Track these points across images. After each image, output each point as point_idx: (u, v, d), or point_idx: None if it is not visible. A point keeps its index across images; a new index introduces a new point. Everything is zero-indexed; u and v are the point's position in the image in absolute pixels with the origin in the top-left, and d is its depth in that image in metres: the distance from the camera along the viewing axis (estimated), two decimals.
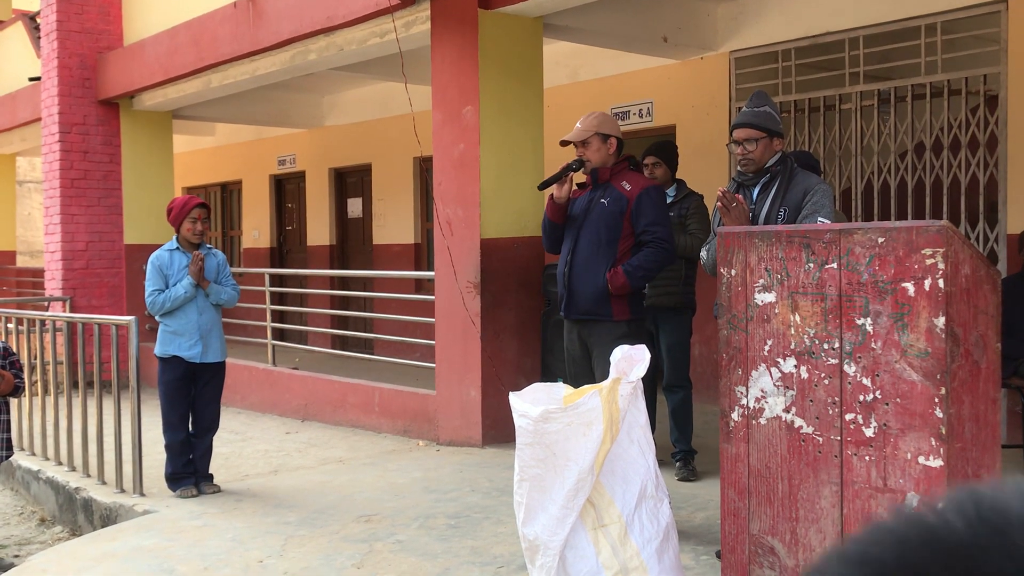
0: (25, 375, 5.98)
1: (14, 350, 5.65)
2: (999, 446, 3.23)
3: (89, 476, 6.38)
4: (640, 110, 8.92)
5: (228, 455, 7.09)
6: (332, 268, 12.55)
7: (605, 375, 3.59)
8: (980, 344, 3.09)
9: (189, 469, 5.87)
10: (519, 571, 4.20)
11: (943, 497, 0.56)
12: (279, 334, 10.40)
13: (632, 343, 3.63)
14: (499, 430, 6.73)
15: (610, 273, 4.98)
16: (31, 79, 12.17)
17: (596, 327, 5.04)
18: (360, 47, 7.89)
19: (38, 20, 11.92)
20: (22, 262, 17.59)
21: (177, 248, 5.89)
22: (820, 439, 3.20)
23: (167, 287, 5.80)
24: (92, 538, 5.25)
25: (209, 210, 6.05)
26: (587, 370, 5.08)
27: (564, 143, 5.23)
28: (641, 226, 5.03)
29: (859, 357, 3.09)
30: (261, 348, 9.95)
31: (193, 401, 5.91)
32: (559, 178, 5.13)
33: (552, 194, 5.16)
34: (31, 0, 16.26)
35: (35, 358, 7.35)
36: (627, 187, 5.11)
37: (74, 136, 10.92)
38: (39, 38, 11.65)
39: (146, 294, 5.85)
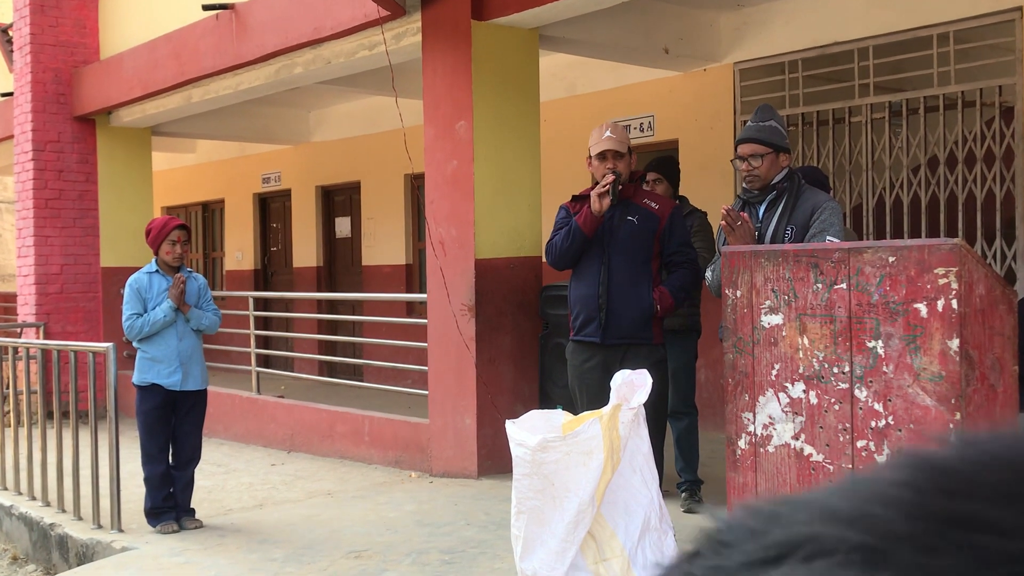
0: None
1: None
2: None
3: (64, 511, 6.36)
4: (641, 124, 8.97)
5: (211, 488, 7.08)
6: (319, 291, 12.57)
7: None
8: (996, 367, 3.11)
9: (169, 503, 5.86)
10: None
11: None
12: (264, 361, 10.40)
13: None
14: (495, 460, 6.73)
15: (657, 294, 5.01)
16: (3, 95, 12.22)
17: (636, 352, 5.01)
18: (348, 60, 7.94)
19: (10, 33, 11.98)
20: None
21: (156, 271, 5.91)
22: (831, 467, 3.22)
23: (146, 311, 5.82)
24: None
25: (189, 231, 6.08)
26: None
27: (603, 153, 5.11)
28: (674, 246, 5.10)
29: (870, 381, 3.11)
30: (245, 376, 9.95)
31: (173, 431, 5.92)
32: (616, 191, 5.04)
33: (590, 207, 5.06)
34: (4, 13, 16.33)
35: (7, 387, 7.35)
36: (654, 206, 5.14)
37: (48, 154, 10.96)
38: (11, 52, 11.71)
39: (123, 318, 5.86)
